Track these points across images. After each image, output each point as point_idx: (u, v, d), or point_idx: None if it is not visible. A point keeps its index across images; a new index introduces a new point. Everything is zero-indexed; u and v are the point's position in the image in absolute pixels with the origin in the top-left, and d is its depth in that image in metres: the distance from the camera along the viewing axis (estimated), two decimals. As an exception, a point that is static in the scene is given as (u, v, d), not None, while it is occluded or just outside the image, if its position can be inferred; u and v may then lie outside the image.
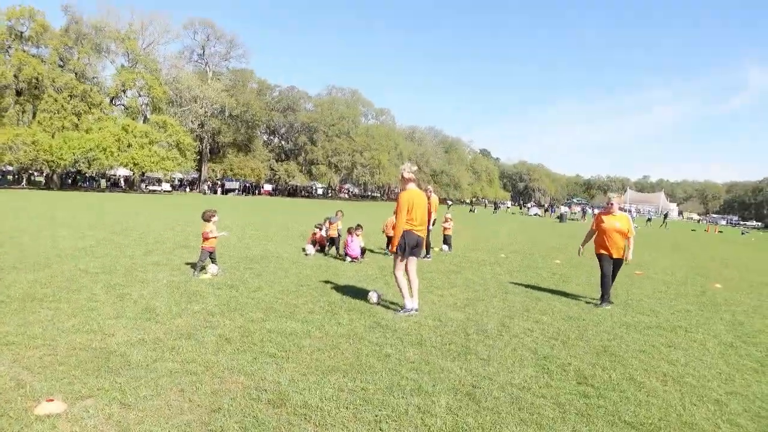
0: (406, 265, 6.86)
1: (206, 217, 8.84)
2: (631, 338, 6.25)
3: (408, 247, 6.70)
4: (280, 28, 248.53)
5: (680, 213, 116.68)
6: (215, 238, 8.75)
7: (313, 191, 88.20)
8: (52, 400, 3.53)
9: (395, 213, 6.82)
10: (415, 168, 6.93)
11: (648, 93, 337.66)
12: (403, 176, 6.80)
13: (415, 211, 6.68)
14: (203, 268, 8.52)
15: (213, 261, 8.75)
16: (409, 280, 6.87)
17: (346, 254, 11.22)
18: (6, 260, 8.81)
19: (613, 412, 3.98)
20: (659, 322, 7.26)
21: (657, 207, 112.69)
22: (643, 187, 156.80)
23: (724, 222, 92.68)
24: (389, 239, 12.76)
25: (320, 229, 12.54)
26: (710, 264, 16.09)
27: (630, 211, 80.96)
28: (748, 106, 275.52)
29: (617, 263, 8.33)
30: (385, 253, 12.60)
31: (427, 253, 12.42)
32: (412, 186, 6.82)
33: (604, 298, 8.17)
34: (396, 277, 6.83)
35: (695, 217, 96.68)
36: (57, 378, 4.01)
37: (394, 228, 6.88)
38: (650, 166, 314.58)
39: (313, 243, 12.42)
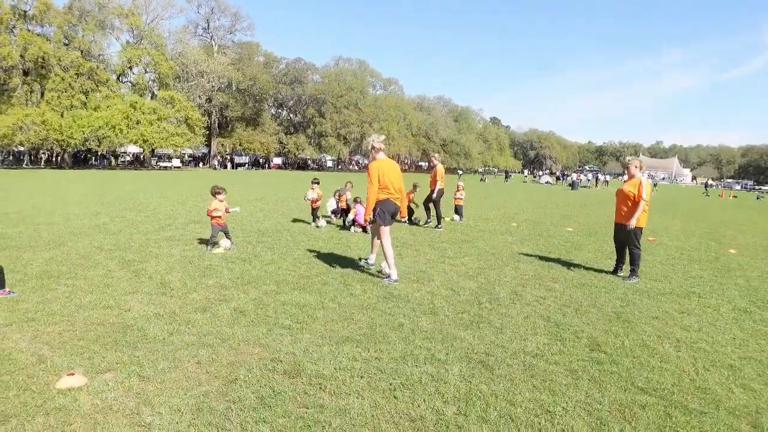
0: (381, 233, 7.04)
1: (212, 193, 8.85)
2: (644, 305, 6.24)
3: (387, 214, 6.86)
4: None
5: (694, 178, 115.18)
6: (224, 214, 8.74)
7: (323, 164, 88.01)
8: (72, 374, 3.61)
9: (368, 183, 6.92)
10: (383, 137, 7.12)
11: (661, 58, 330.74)
12: (373, 146, 6.96)
13: (386, 179, 6.81)
14: (216, 243, 8.56)
15: (227, 235, 8.76)
16: (382, 247, 7.00)
17: (354, 222, 11.23)
18: (22, 239, 8.92)
19: (626, 378, 4.00)
20: (672, 288, 7.23)
21: (670, 172, 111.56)
22: (656, 152, 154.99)
23: (738, 187, 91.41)
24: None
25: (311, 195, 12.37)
26: (724, 229, 15.94)
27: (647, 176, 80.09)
28: (763, 70, 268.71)
29: (618, 228, 7.89)
30: (402, 221, 12.67)
31: (438, 223, 12.43)
32: (381, 155, 6.96)
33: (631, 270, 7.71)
34: (383, 246, 6.92)
35: (709, 182, 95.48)
36: (77, 353, 4.09)
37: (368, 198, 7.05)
38: (664, 132, 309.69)
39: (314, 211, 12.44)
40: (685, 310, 6.07)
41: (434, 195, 12.50)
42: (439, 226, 12.34)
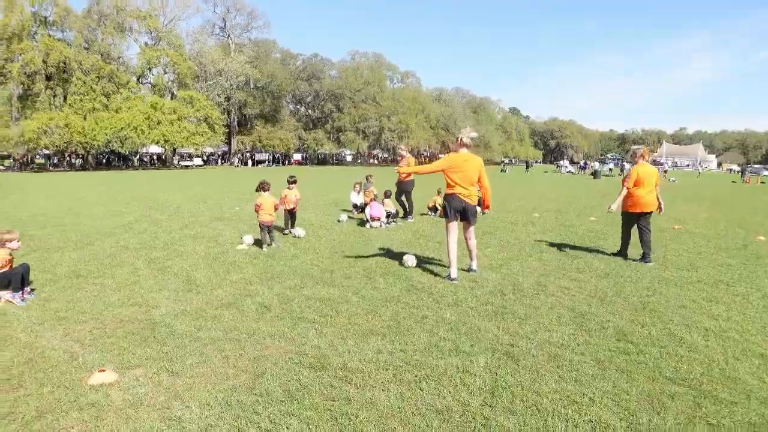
0: (464, 232, 6.84)
1: (261, 188, 8.94)
2: (671, 294, 6.15)
3: (452, 211, 6.56)
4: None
5: (719, 164, 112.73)
6: (271, 211, 8.70)
7: (343, 158, 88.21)
8: (104, 371, 3.69)
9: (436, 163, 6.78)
10: (474, 134, 6.78)
11: (687, 41, 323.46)
12: (459, 139, 6.69)
13: (456, 174, 6.51)
14: (269, 241, 8.67)
15: (269, 234, 8.70)
16: (468, 246, 6.87)
17: (371, 218, 11.17)
18: (50, 241, 9.13)
19: (653, 368, 3.95)
20: (699, 276, 7.10)
21: (695, 159, 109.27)
22: (680, 139, 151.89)
23: (766, 173, 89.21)
24: (433, 207, 12.88)
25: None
26: (752, 216, 15.59)
27: (663, 164, 78.68)
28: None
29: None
30: (431, 214, 12.61)
31: (410, 214, 12.24)
32: (463, 150, 6.66)
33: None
34: (447, 244, 6.67)
35: (735, 167, 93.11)
36: (107, 349, 4.18)
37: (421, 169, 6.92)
38: (688, 118, 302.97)
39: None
40: (713, 299, 5.96)
41: (407, 188, 12.30)
42: (410, 217, 12.18)
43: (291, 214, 10.02)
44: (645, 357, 4.16)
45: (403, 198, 12.28)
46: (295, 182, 10.23)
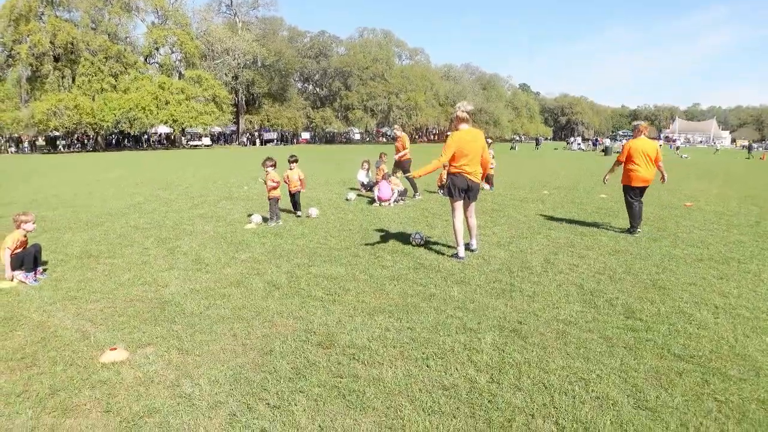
0: (464, 210, 6.67)
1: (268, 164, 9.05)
2: (681, 271, 6.10)
3: (457, 189, 6.40)
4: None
5: (733, 141, 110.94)
6: (275, 186, 8.91)
7: (351, 137, 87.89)
8: (115, 349, 3.74)
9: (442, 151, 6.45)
10: (470, 107, 6.44)
11: (700, 16, 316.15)
12: (457, 116, 6.38)
13: (465, 152, 6.28)
14: (276, 217, 8.85)
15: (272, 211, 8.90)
16: (468, 224, 6.76)
17: (379, 199, 11.12)
18: (61, 221, 9.21)
19: (662, 345, 3.93)
20: (710, 254, 7.04)
21: (708, 135, 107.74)
22: (693, 115, 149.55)
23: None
24: (441, 186, 12.70)
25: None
26: (765, 193, 15.40)
27: (675, 140, 77.70)
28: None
29: None
30: (440, 192, 12.48)
31: (416, 192, 12.23)
32: (464, 126, 6.38)
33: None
34: (453, 224, 6.58)
35: (746, 144, 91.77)
36: (118, 328, 4.23)
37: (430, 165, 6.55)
38: (701, 94, 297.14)
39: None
40: (723, 276, 5.91)
41: (405, 167, 12.21)
42: (418, 195, 12.17)
43: (293, 196, 9.69)
44: (653, 334, 4.14)
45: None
46: (296, 161, 9.90)
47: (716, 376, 3.46)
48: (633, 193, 8.40)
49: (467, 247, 6.79)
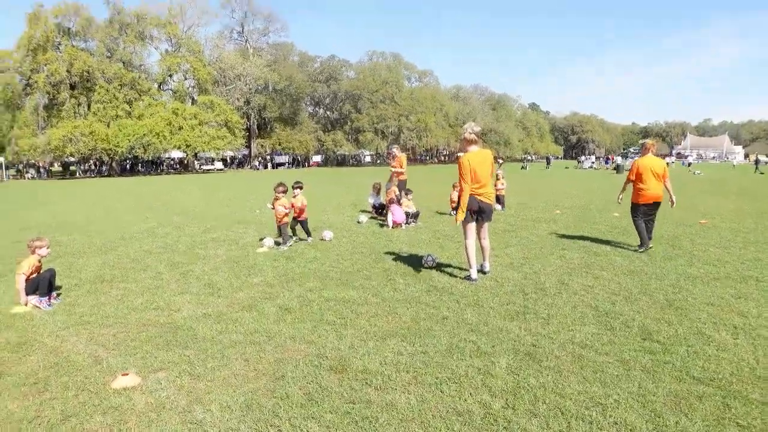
0: (478, 232, 6.61)
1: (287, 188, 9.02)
2: (698, 291, 6.00)
3: (468, 211, 6.33)
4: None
5: (746, 156, 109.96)
6: (286, 213, 8.90)
7: (362, 159, 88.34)
8: (127, 374, 3.73)
9: (459, 180, 6.37)
10: (478, 128, 6.43)
11: (710, 29, 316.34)
12: (464, 137, 6.36)
13: (477, 174, 6.26)
14: (288, 239, 8.87)
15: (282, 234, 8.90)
16: (481, 246, 6.69)
17: (393, 224, 11.00)
18: (76, 246, 9.30)
19: (680, 368, 3.85)
20: (728, 272, 6.92)
21: (721, 151, 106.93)
22: (704, 130, 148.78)
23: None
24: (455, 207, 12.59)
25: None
26: (782, 208, 15.17)
27: (687, 156, 77.24)
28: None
29: None
30: (451, 214, 12.38)
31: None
32: (473, 148, 6.37)
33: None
34: (465, 246, 6.53)
35: (763, 158, 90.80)
36: (130, 353, 4.23)
37: (459, 194, 6.41)
38: (713, 109, 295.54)
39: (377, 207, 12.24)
40: (741, 295, 5.80)
41: (400, 187, 12.20)
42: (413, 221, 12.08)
43: (300, 223, 9.37)
44: (671, 356, 4.06)
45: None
46: (300, 187, 9.35)
47: (737, 400, 3.37)
48: (642, 210, 8.47)
49: (480, 269, 6.71)
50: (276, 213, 8.90)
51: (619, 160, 58.52)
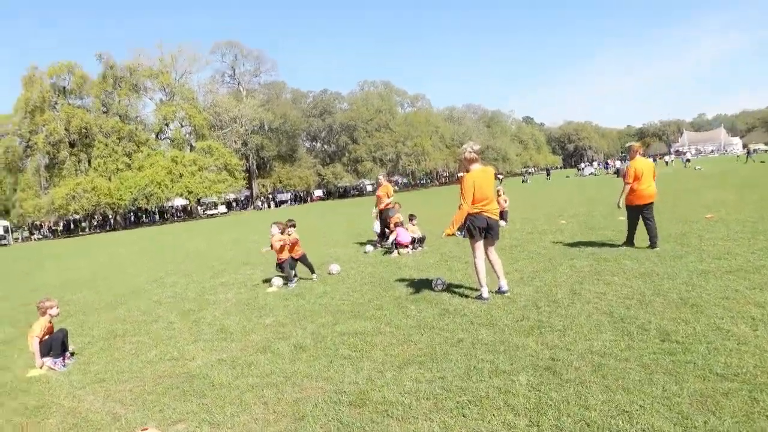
0: (486, 250, 6.57)
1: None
2: (711, 286, 5.95)
3: (477, 229, 6.34)
4: (300, 34, 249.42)
5: (745, 146, 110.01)
6: (281, 248, 8.81)
7: (364, 189, 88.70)
8: (146, 429, 3.70)
9: (461, 198, 6.39)
10: (477, 147, 6.47)
11: (694, 24, 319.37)
12: (465, 157, 6.39)
13: (482, 191, 6.28)
14: (292, 276, 8.76)
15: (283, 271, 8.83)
16: (492, 266, 6.61)
17: (398, 245, 11.07)
18: (86, 303, 9.32)
19: (702, 366, 3.80)
20: (739, 264, 6.87)
21: (719, 144, 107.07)
22: (700, 125, 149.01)
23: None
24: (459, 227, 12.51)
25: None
26: (787, 195, 15.11)
27: (685, 153, 77.40)
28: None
29: None
30: (458, 234, 12.23)
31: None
32: (476, 166, 6.40)
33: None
34: (474, 265, 6.51)
35: (762, 147, 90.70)
36: (148, 407, 4.20)
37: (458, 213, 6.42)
38: (707, 103, 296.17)
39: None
40: (756, 286, 5.74)
41: (388, 215, 12.24)
42: (387, 243, 12.01)
43: (299, 260, 9.13)
44: (692, 355, 4.01)
45: (377, 226, 12.64)
46: (293, 226, 9.16)
47: (765, 392, 3.31)
48: (639, 211, 8.77)
49: (498, 290, 6.63)
50: (274, 248, 8.89)
51: (618, 164, 58.58)
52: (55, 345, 5.65)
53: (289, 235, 8.95)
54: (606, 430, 3.08)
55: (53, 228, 58.95)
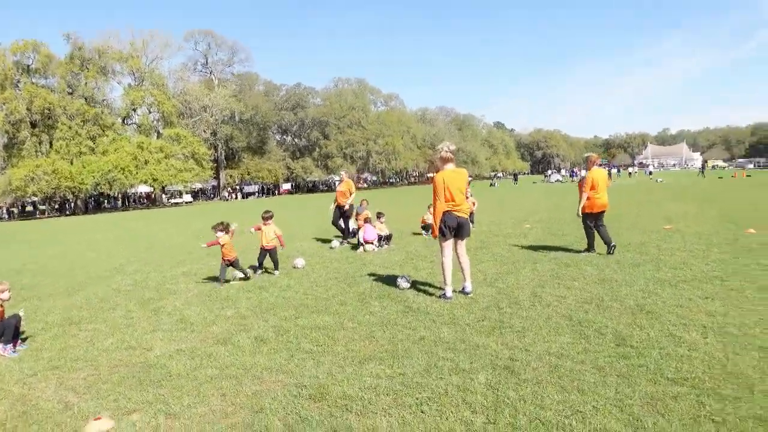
0: (456, 249, 6.60)
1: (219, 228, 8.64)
2: (667, 294, 6.15)
3: (448, 228, 6.38)
4: (277, 25, 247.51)
5: (704, 162, 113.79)
6: (224, 247, 8.51)
7: (332, 184, 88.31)
8: (99, 418, 3.62)
9: (433, 197, 6.45)
10: (453, 147, 6.53)
11: (662, 43, 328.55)
12: (441, 156, 6.44)
13: (452, 191, 6.33)
14: (226, 279, 8.49)
15: (235, 267, 8.59)
16: (460, 264, 6.65)
17: (365, 241, 11.09)
18: (42, 289, 9.03)
19: (654, 371, 3.92)
20: (694, 274, 7.11)
21: (680, 158, 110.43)
22: (664, 140, 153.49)
23: (752, 166, 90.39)
24: (425, 226, 12.68)
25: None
26: (741, 209, 15.70)
27: (647, 166, 79.85)
28: (765, 45, 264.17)
29: None
30: (426, 236, 12.37)
31: (345, 237, 12.49)
32: (449, 166, 6.45)
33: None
34: (441, 263, 6.56)
35: (720, 163, 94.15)
36: (102, 396, 4.10)
37: (433, 213, 6.50)
38: (670, 119, 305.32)
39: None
40: (708, 296, 5.96)
41: (347, 211, 12.53)
42: (348, 240, 12.38)
43: (270, 254, 8.97)
44: (645, 360, 4.13)
45: (341, 222, 12.67)
46: (271, 217, 9.06)
47: (711, 397, 3.45)
48: (593, 218, 9.16)
49: (461, 290, 6.69)
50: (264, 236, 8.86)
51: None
52: (7, 330, 5.45)
53: (266, 226, 8.94)
54: (560, 429, 3.16)
55: (10, 209, 56.92)
